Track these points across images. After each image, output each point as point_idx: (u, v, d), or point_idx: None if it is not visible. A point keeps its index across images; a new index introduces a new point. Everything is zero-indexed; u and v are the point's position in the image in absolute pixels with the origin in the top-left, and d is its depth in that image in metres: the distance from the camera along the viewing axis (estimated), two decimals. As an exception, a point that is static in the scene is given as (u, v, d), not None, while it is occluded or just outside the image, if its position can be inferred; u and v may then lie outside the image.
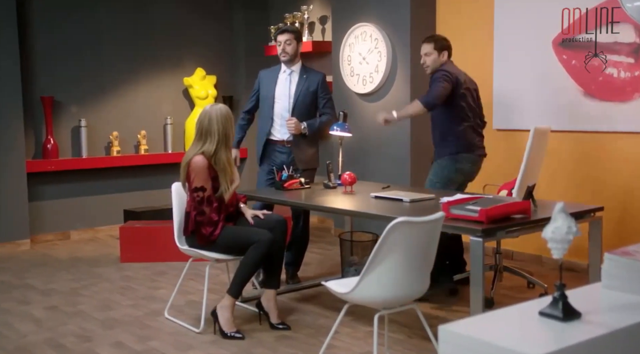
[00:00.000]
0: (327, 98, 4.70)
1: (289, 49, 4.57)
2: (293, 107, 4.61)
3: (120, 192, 6.74)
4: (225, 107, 3.84)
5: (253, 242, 3.62)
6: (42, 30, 6.25)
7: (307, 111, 4.62)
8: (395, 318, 3.73)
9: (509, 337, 1.59)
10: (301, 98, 4.61)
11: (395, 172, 5.64)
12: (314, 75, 4.68)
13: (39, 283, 4.84)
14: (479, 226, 2.96)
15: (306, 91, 4.61)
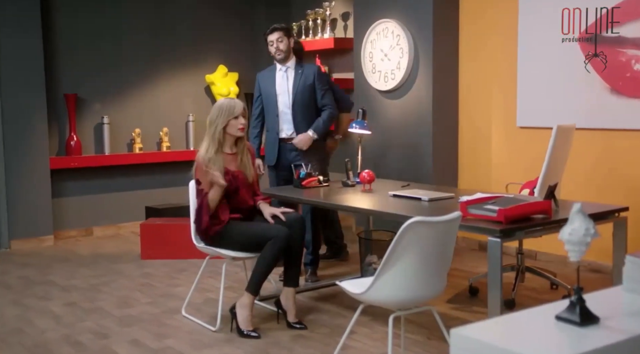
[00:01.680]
0: (324, 89, 4.68)
1: (282, 46, 4.61)
2: (293, 103, 4.64)
3: (143, 189, 6.77)
4: (224, 99, 3.80)
5: (269, 238, 3.59)
6: (65, 28, 6.30)
7: (307, 106, 4.64)
8: (414, 318, 3.68)
9: (522, 342, 1.54)
10: (300, 94, 4.63)
11: (417, 170, 5.57)
12: (308, 68, 4.70)
13: (60, 279, 4.88)
14: (497, 227, 2.89)
15: (303, 86, 4.62)
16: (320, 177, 4.32)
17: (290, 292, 3.77)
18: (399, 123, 5.75)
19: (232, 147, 3.79)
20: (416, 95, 5.59)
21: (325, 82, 4.75)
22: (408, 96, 5.65)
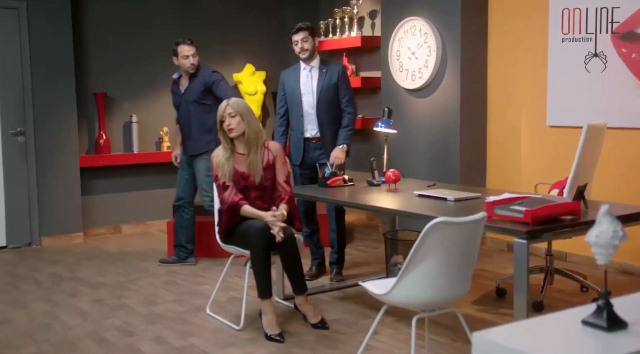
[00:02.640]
0: (348, 93, 4.65)
1: (307, 46, 4.60)
2: (317, 103, 4.62)
3: (170, 187, 6.79)
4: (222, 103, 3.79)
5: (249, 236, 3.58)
6: (95, 28, 6.37)
7: (330, 105, 4.61)
8: (439, 320, 3.63)
9: (546, 347, 1.50)
10: (324, 93, 4.61)
11: (445, 169, 5.51)
12: (333, 67, 4.68)
13: (88, 276, 4.93)
14: (523, 228, 2.83)
15: (328, 85, 4.60)
16: (345, 176, 4.29)
17: (301, 298, 3.73)
18: (426, 122, 5.69)
19: (244, 148, 3.75)
20: (444, 94, 5.53)
21: (349, 83, 4.72)
22: (435, 95, 5.59)
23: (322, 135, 4.62)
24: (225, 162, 3.68)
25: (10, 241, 5.91)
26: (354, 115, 4.67)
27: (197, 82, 5.10)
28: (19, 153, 5.92)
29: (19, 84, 5.88)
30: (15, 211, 5.90)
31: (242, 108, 3.71)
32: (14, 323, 3.92)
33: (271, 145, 3.84)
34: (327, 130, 4.61)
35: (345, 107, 4.63)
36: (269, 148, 3.80)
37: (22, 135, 5.90)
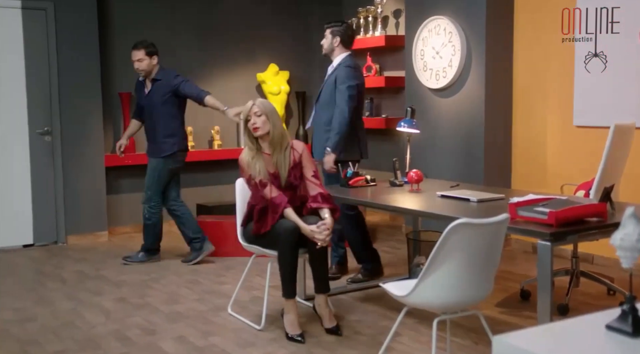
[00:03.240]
0: (339, 88, 4.47)
1: (323, 43, 4.67)
2: (317, 99, 4.66)
3: (194, 186, 6.85)
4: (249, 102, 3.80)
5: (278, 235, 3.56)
6: (120, 28, 6.43)
7: (327, 104, 4.56)
8: (461, 322, 3.60)
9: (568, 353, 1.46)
10: (324, 90, 4.63)
11: (469, 170, 5.46)
12: (343, 64, 4.58)
13: (112, 275, 4.98)
14: (547, 230, 2.78)
15: (331, 83, 4.57)
16: (368, 176, 4.26)
17: (322, 298, 3.70)
18: (450, 122, 5.64)
19: (269, 148, 3.73)
20: (468, 94, 5.48)
21: (344, 79, 4.48)
22: (460, 94, 5.54)
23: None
24: (256, 161, 3.67)
25: (37, 239, 5.99)
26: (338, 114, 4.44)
27: (159, 86, 5.19)
28: (46, 152, 6.00)
29: (46, 84, 5.96)
30: (42, 210, 5.98)
31: (268, 108, 3.70)
32: (39, 320, 3.97)
33: (296, 144, 3.82)
34: (318, 132, 4.64)
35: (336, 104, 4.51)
36: (294, 148, 3.78)
37: (49, 135, 5.98)
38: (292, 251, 3.56)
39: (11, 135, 5.84)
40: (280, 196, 3.62)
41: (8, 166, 5.84)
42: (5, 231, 5.84)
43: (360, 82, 4.59)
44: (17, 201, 5.89)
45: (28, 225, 5.94)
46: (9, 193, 5.85)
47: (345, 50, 4.65)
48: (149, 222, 5.29)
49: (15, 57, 5.82)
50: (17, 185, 5.88)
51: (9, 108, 5.83)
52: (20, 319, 3.98)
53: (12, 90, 5.83)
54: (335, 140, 4.43)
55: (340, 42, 4.62)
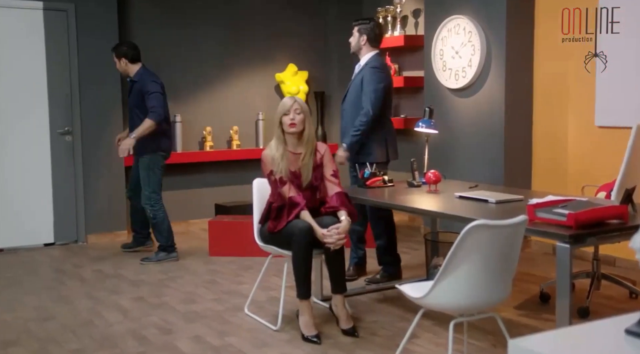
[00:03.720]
0: (365, 90, 4.43)
1: (351, 40, 4.64)
2: (344, 99, 4.63)
3: (213, 186, 6.88)
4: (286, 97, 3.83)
5: (292, 236, 3.55)
6: (140, 28, 6.47)
7: (353, 104, 4.52)
8: (480, 324, 3.56)
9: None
10: (350, 91, 4.59)
11: (488, 171, 5.40)
12: (369, 65, 4.53)
13: (130, 274, 5.01)
14: (566, 232, 2.74)
15: (358, 83, 4.52)
16: (385, 176, 4.23)
17: (338, 299, 3.68)
18: (470, 122, 5.59)
19: (296, 147, 3.74)
20: (488, 94, 5.43)
21: (370, 82, 4.43)
22: (479, 94, 5.49)
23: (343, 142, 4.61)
24: (280, 158, 3.67)
25: (57, 238, 6.05)
26: (363, 115, 4.40)
27: (136, 88, 5.31)
28: (66, 152, 6.05)
29: (67, 84, 6.01)
30: (62, 209, 6.04)
31: (305, 108, 3.77)
32: (58, 318, 4.01)
33: (319, 146, 3.84)
34: (346, 132, 4.57)
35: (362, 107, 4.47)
36: (318, 149, 3.80)
37: (70, 135, 6.03)
38: (306, 252, 3.55)
39: (32, 135, 5.91)
40: (298, 196, 3.62)
41: (29, 166, 5.91)
42: (27, 230, 5.91)
43: (387, 83, 4.52)
44: (38, 201, 5.95)
45: (49, 224, 6.00)
46: (30, 193, 5.91)
47: (372, 49, 4.59)
48: (155, 221, 5.37)
49: (36, 58, 5.88)
50: (38, 185, 5.95)
51: (31, 109, 5.90)
52: (40, 318, 4.02)
53: (33, 91, 5.90)
54: (353, 139, 4.41)
55: (367, 41, 4.57)
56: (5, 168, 5.80)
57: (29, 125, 5.90)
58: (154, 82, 5.28)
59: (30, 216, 5.91)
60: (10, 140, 5.82)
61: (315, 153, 3.78)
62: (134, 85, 5.34)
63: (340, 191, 3.72)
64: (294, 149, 3.74)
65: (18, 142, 5.85)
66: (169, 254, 5.40)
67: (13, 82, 5.81)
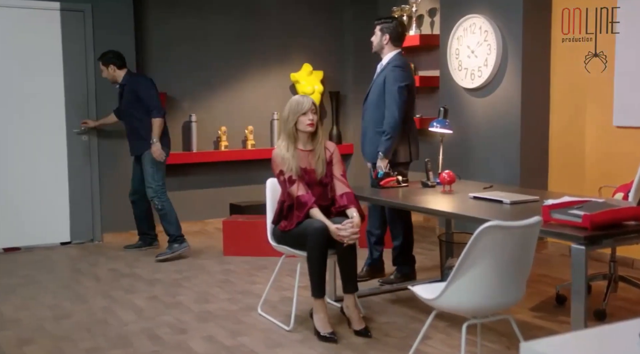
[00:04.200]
0: (389, 89, 4.36)
1: (372, 39, 4.60)
2: (365, 98, 4.58)
3: (228, 186, 6.89)
4: (295, 96, 3.81)
5: (307, 235, 3.54)
6: (156, 28, 6.49)
7: (375, 104, 4.47)
8: (494, 326, 3.53)
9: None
10: (372, 90, 4.54)
11: (504, 171, 5.36)
12: (392, 64, 4.48)
13: (145, 273, 5.03)
14: (581, 233, 2.70)
15: (380, 83, 4.47)
16: (400, 176, 4.21)
17: (350, 299, 3.66)
18: (485, 122, 5.55)
19: (307, 144, 3.75)
20: (504, 93, 5.38)
21: (393, 82, 4.37)
22: (495, 94, 5.45)
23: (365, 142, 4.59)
24: (291, 156, 3.67)
25: (74, 237, 6.10)
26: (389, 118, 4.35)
27: (126, 92, 5.53)
28: (83, 152, 6.09)
29: (84, 84, 6.05)
30: (79, 209, 6.08)
31: (317, 108, 3.82)
32: (74, 317, 4.03)
33: (328, 144, 3.86)
34: (368, 133, 4.54)
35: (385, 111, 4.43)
36: (327, 147, 3.82)
37: (86, 134, 6.07)
38: (321, 251, 3.54)
39: (49, 134, 5.95)
40: (306, 195, 3.62)
41: (46, 165, 5.96)
42: (44, 229, 5.96)
43: (410, 82, 4.46)
44: (55, 200, 5.99)
45: (65, 223, 6.05)
46: (47, 192, 5.96)
47: (394, 48, 4.53)
48: (164, 211, 5.49)
49: (53, 57, 5.93)
50: (55, 184, 5.99)
51: (47, 108, 5.94)
52: (55, 316, 4.05)
53: (50, 90, 5.94)
54: (387, 144, 4.34)
55: (389, 40, 4.51)
56: (22, 167, 5.85)
57: (45, 124, 5.94)
58: (144, 80, 5.54)
59: (47, 215, 5.96)
60: (27, 139, 5.87)
61: (325, 151, 3.80)
62: (125, 89, 5.54)
63: (350, 191, 3.72)
64: (304, 146, 3.75)
65: (35, 141, 5.90)
66: (181, 244, 5.49)
67: (30, 82, 5.86)
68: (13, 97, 5.81)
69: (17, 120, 5.82)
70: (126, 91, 5.49)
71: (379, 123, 4.40)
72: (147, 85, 5.46)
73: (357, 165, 7.25)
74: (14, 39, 5.80)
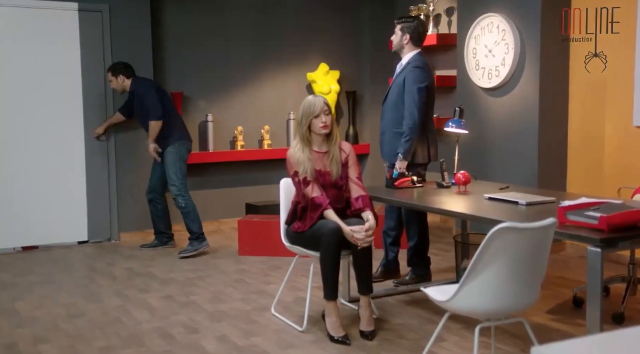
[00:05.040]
0: (408, 90, 4.32)
1: (393, 38, 4.55)
2: (385, 98, 4.53)
3: (244, 186, 6.90)
4: (308, 98, 3.75)
5: (320, 237, 3.52)
6: (173, 28, 6.52)
7: (394, 104, 4.42)
8: (509, 329, 3.48)
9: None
10: (391, 91, 4.50)
11: (521, 172, 5.30)
12: (412, 65, 4.42)
13: (160, 272, 5.04)
14: (597, 235, 2.65)
15: (400, 83, 4.42)
16: (414, 177, 4.17)
17: (364, 300, 3.64)
18: (503, 122, 5.49)
19: (322, 145, 3.72)
20: (521, 93, 5.32)
21: (413, 83, 4.32)
22: (513, 94, 5.39)
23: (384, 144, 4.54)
24: (307, 159, 3.64)
25: (91, 236, 6.14)
26: (408, 119, 4.30)
27: (135, 97, 5.65)
28: (100, 152, 6.13)
29: (101, 85, 6.08)
30: (96, 208, 6.12)
31: (330, 107, 3.76)
32: (88, 316, 4.05)
33: (343, 145, 3.80)
34: (386, 134, 4.50)
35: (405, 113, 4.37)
36: (342, 149, 3.76)
37: (103, 135, 6.10)
38: (335, 253, 3.52)
39: (67, 134, 5.99)
40: (321, 196, 3.59)
41: (64, 165, 6.00)
42: (62, 228, 6.00)
43: (430, 82, 4.41)
44: (73, 200, 6.03)
45: (83, 222, 6.09)
46: (65, 192, 6.00)
47: (415, 48, 4.48)
48: (187, 209, 5.57)
49: (71, 58, 5.97)
50: (72, 184, 6.03)
51: (65, 109, 5.98)
52: (70, 315, 4.07)
53: (68, 90, 5.98)
54: (406, 146, 4.28)
55: (410, 40, 4.46)
56: (40, 167, 5.90)
57: (63, 124, 5.98)
58: (144, 83, 5.65)
59: (64, 214, 6.00)
60: (45, 139, 5.91)
61: (340, 152, 3.74)
62: (133, 94, 5.66)
63: (365, 194, 3.69)
64: (319, 148, 3.71)
65: (53, 141, 5.94)
66: (202, 242, 5.57)
67: (48, 82, 5.90)
68: (31, 97, 5.86)
69: (36, 120, 5.87)
70: (135, 96, 5.63)
71: (398, 123, 4.37)
72: (145, 87, 5.59)
73: (374, 165, 7.22)
74: (33, 39, 5.85)
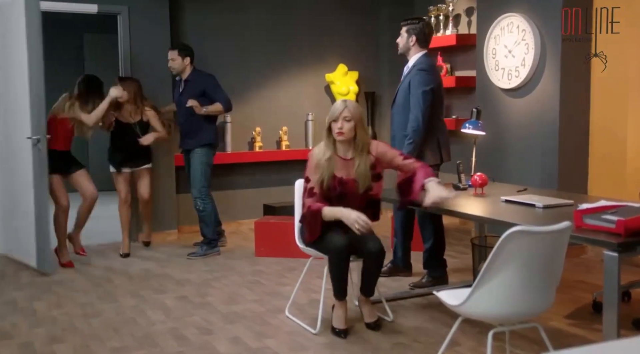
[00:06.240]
0: (413, 93, 4.29)
1: (398, 41, 4.52)
2: (393, 102, 4.49)
3: (262, 187, 6.89)
4: (340, 100, 3.69)
5: (328, 246, 3.53)
6: (191, 29, 6.53)
7: (402, 107, 4.39)
8: (525, 333, 3.42)
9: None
10: (399, 94, 4.48)
11: (541, 174, 5.22)
12: (417, 67, 4.38)
13: (176, 273, 5.05)
14: (614, 240, 2.59)
15: (406, 86, 4.39)
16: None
17: (362, 298, 3.74)
18: (522, 123, 5.41)
19: (347, 152, 3.61)
20: (541, 94, 5.24)
21: (418, 86, 4.28)
22: (533, 95, 5.31)
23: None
24: (326, 164, 3.54)
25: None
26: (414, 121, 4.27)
27: (190, 87, 5.58)
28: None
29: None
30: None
31: (357, 114, 3.57)
32: (103, 316, 4.07)
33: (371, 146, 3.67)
34: (396, 136, 4.48)
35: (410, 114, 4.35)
36: (370, 152, 3.64)
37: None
38: (342, 264, 3.55)
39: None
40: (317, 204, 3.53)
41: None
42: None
43: (436, 84, 4.36)
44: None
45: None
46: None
47: (421, 49, 4.46)
48: (205, 213, 5.57)
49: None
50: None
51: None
52: (85, 314, 4.09)
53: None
54: (409, 148, 4.25)
55: (416, 41, 4.44)
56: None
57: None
58: (213, 79, 5.61)
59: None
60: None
61: (370, 157, 3.60)
62: (187, 84, 5.58)
63: (421, 165, 3.61)
64: (344, 155, 3.61)
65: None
66: (213, 248, 5.57)
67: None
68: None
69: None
70: (189, 87, 5.55)
71: (407, 127, 4.33)
72: (216, 80, 5.60)
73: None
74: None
